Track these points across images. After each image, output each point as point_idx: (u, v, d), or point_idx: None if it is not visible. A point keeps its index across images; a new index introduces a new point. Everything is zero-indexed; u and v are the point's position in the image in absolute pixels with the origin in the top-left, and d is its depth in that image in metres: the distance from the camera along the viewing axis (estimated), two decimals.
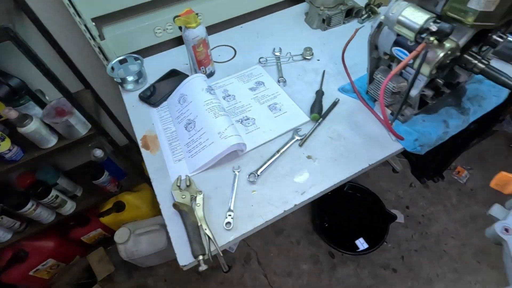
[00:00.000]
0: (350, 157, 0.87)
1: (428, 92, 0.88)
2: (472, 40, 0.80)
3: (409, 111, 0.91)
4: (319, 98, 0.99)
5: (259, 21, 1.34)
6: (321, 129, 0.94)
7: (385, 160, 0.89)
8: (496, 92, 0.98)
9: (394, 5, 0.67)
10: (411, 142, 0.87)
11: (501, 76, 0.76)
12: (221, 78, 1.11)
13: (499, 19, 0.64)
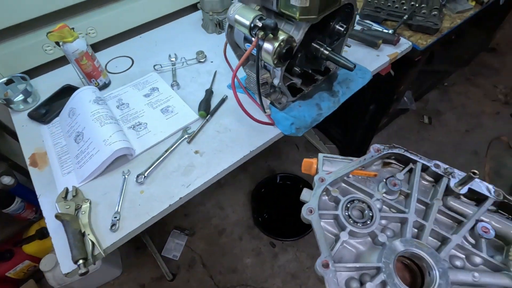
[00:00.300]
0: (234, 146, 0.94)
1: (297, 80, 0.99)
2: (318, 31, 0.92)
3: (285, 99, 1.02)
4: (207, 96, 1.06)
5: (158, 30, 1.39)
6: (210, 125, 1.00)
7: (268, 145, 0.97)
8: (362, 75, 1.12)
9: (232, 6, 0.75)
10: (287, 126, 0.97)
11: (340, 60, 0.89)
12: (117, 88, 1.13)
13: (318, 13, 0.75)
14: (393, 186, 0.46)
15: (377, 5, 1.37)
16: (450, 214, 0.45)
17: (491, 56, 3.01)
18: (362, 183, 0.49)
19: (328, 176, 0.47)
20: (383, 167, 0.52)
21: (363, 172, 0.50)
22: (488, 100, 2.66)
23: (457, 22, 1.36)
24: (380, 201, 0.46)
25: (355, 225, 0.43)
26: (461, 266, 0.41)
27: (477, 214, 0.43)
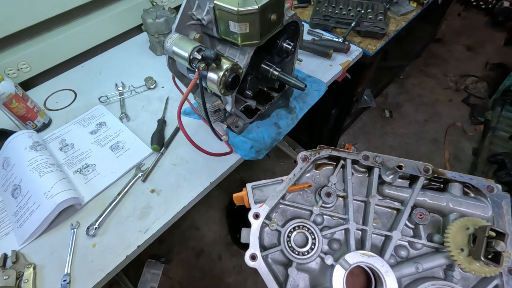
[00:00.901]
0: (193, 179, 0.89)
1: (251, 102, 0.96)
2: (266, 51, 0.90)
3: (241, 122, 0.98)
4: (159, 127, 0.99)
5: (102, 57, 1.29)
6: (165, 158, 0.94)
7: (230, 171, 0.93)
8: (317, 87, 1.12)
9: (168, 38, 0.70)
10: (247, 151, 0.94)
11: (291, 80, 0.87)
12: (59, 127, 1.03)
13: (260, 37, 0.72)
14: (327, 198, 0.45)
15: (325, 14, 1.38)
16: (388, 204, 0.45)
17: (439, 46, 3.19)
18: (300, 198, 0.48)
19: (261, 210, 0.44)
20: (317, 169, 0.50)
21: (297, 186, 0.48)
22: (440, 89, 2.82)
23: (402, 24, 1.41)
24: (320, 215, 0.45)
25: (300, 257, 0.41)
26: (405, 255, 0.42)
27: (411, 199, 0.43)
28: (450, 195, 0.43)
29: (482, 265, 0.36)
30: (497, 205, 0.41)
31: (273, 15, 0.71)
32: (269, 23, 0.72)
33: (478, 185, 0.43)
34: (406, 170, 0.44)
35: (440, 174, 0.44)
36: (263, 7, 0.66)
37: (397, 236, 0.42)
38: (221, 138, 0.89)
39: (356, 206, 0.46)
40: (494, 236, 0.35)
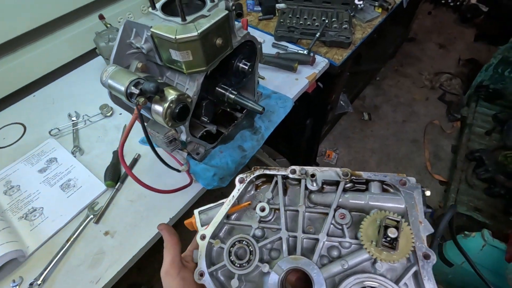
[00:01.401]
0: (151, 216, 0.82)
1: (211, 127, 0.91)
2: (222, 74, 0.85)
3: (203, 148, 0.92)
4: (114, 160, 0.92)
5: (56, 85, 1.21)
6: (121, 194, 0.87)
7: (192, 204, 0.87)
8: (283, 104, 1.07)
9: (104, 71, 0.64)
10: (209, 179, 0.88)
11: (248, 103, 0.82)
12: (5, 167, 0.95)
13: (206, 64, 0.67)
14: (261, 212, 0.48)
15: (290, 25, 1.34)
16: (318, 210, 0.49)
17: (412, 45, 3.24)
18: (245, 216, 0.52)
19: (207, 231, 0.47)
20: (257, 190, 0.54)
21: (238, 206, 0.51)
22: (416, 88, 2.84)
23: (368, 31, 1.39)
24: (260, 229, 0.49)
25: (240, 269, 0.44)
26: (337, 255, 0.45)
27: (334, 202, 0.47)
28: (370, 193, 0.47)
29: (389, 254, 0.38)
30: (410, 196, 0.44)
31: (218, 40, 0.66)
32: (215, 48, 0.67)
33: (391, 181, 0.46)
34: (327, 177, 0.48)
35: (357, 176, 0.47)
36: (204, 33, 0.61)
37: (323, 238, 0.45)
38: (180, 170, 0.83)
39: (292, 215, 0.50)
40: (393, 224, 0.38)
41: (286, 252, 0.44)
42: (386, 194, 0.46)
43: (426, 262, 0.39)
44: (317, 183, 0.48)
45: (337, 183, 0.48)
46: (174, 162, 0.92)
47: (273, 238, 0.46)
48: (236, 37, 0.78)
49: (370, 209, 0.45)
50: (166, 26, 0.62)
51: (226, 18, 0.65)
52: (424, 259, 0.39)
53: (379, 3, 1.46)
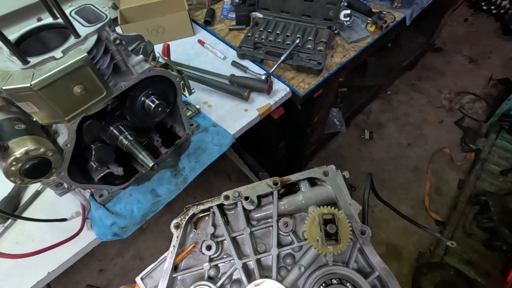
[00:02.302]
0: (31, 266, 0.73)
1: (115, 168, 0.78)
2: (124, 112, 0.71)
3: (108, 189, 0.81)
4: (15, 191, 0.83)
5: None
6: (11, 232, 0.79)
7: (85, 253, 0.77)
8: (219, 141, 0.92)
9: None
10: (106, 228, 0.77)
11: (140, 154, 0.68)
12: None
13: (64, 116, 0.54)
14: (208, 251, 0.47)
15: (257, 40, 1.16)
16: (264, 224, 0.49)
17: (436, 56, 2.87)
18: (192, 260, 0.49)
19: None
20: (197, 227, 0.52)
21: (183, 253, 0.49)
22: (431, 107, 2.52)
23: (350, 55, 1.17)
24: (213, 268, 0.47)
25: None
26: (292, 261, 0.47)
27: (274, 213, 0.48)
28: (302, 192, 0.50)
29: (334, 246, 0.42)
30: (334, 183, 0.48)
31: (77, 87, 0.52)
32: (73, 97, 0.53)
33: (316, 175, 0.50)
34: (260, 191, 0.49)
35: (286, 181, 0.50)
36: (44, 84, 0.48)
37: (275, 253, 0.46)
38: (66, 218, 0.73)
39: (240, 240, 0.49)
40: (331, 218, 0.42)
41: (246, 281, 0.45)
42: (316, 188, 0.50)
43: (364, 237, 0.45)
44: (252, 202, 0.49)
45: (271, 193, 0.50)
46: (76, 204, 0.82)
47: (230, 272, 0.46)
48: (133, 73, 0.64)
49: (307, 206, 0.49)
50: (3, 69, 0.50)
51: (83, 63, 0.51)
52: (361, 235, 0.45)
53: (373, 19, 1.23)
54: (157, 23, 1.17)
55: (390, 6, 1.33)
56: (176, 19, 1.18)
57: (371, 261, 0.44)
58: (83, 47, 0.53)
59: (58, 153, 0.60)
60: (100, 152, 0.70)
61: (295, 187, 0.52)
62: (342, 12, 1.15)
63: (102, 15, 0.58)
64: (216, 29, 1.30)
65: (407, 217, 0.68)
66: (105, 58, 0.58)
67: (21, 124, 0.58)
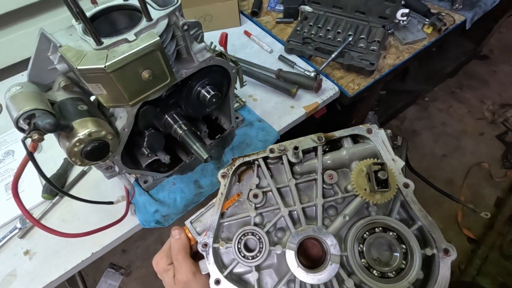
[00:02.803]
0: (76, 244, 0.74)
1: (163, 156, 0.77)
2: (179, 101, 0.70)
3: (153, 176, 0.80)
4: (62, 169, 0.85)
5: None
6: (56, 210, 0.80)
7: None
8: (264, 137, 0.90)
9: (9, 89, 0.53)
10: (150, 215, 0.77)
11: (194, 145, 0.67)
12: None
13: (128, 100, 0.53)
14: (255, 199, 0.48)
15: (306, 35, 1.12)
16: (306, 178, 0.50)
17: (481, 64, 2.70)
18: (238, 209, 0.51)
19: (207, 238, 0.47)
20: (240, 179, 0.53)
21: (229, 202, 0.50)
22: (472, 118, 2.38)
23: (404, 57, 1.11)
24: (258, 216, 0.49)
25: (255, 260, 0.45)
26: (335, 213, 0.49)
27: (319, 167, 0.49)
28: (345, 148, 0.51)
29: (382, 194, 0.43)
30: (378, 140, 0.49)
31: (145, 72, 0.51)
32: (140, 82, 0.52)
33: (360, 132, 0.50)
34: (305, 146, 0.50)
35: (330, 137, 0.51)
36: (116, 67, 0.47)
37: (320, 202, 0.47)
38: (113, 202, 0.73)
39: (285, 192, 0.51)
40: (379, 168, 0.42)
41: (292, 227, 0.46)
42: (359, 145, 0.51)
43: (408, 190, 0.45)
44: (299, 154, 0.49)
45: (314, 149, 0.51)
46: (119, 185, 0.82)
47: (275, 219, 0.48)
48: (194, 61, 0.62)
49: (350, 162, 0.50)
50: (77, 48, 0.49)
51: (155, 48, 0.49)
52: (405, 188, 0.45)
53: (431, 21, 1.15)
54: (205, 11, 1.15)
55: (450, 8, 1.24)
56: (225, 8, 1.16)
57: (414, 212, 0.44)
58: (155, 30, 0.51)
59: (116, 137, 0.59)
60: (153, 138, 0.69)
61: (337, 145, 0.53)
62: (399, 11, 1.08)
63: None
64: (262, 21, 1.26)
65: (441, 189, 0.64)
66: (171, 43, 0.57)
67: (83, 105, 0.58)
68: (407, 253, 0.42)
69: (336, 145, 0.53)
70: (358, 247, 0.43)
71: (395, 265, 0.42)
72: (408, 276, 0.41)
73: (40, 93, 0.54)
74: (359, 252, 0.43)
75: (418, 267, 0.41)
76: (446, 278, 0.42)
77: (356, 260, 0.42)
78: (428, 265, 0.44)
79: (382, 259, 0.44)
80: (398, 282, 0.41)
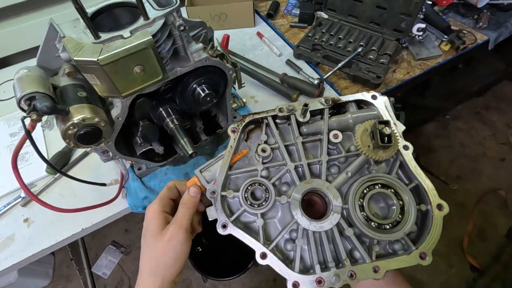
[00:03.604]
0: (69, 219, 0.80)
1: (157, 146, 0.81)
2: (174, 96, 0.73)
3: (146, 164, 0.85)
4: (68, 148, 0.91)
5: None
6: (58, 184, 0.87)
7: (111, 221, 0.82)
8: None
9: (17, 71, 0.59)
10: (139, 201, 0.81)
11: (181, 140, 0.70)
12: None
13: (120, 92, 0.57)
14: (263, 153, 0.51)
15: (316, 42, 1.12)
16: (312, 138, 0.53)
17: None
18: (245, 164, 0.53)
19: (215, 186, 0.49)
20: (249, 137, 0.56)
21: (238, 156, 0.53)
22: (494, 142, 2.27)
23: (415, 73, 1.08)
24: (265, 170, 0.51)
25: (261, 208, 0.48)
26: (338, 170, 0.52)
27: (325, 127, 0.52)
28: (350, 113, 0.54)
29: (385, 151, 0.47)
30: (382, 106, 0.53)
31: (137, 68, 0.54)
32: (132, 76, 0.55)
33: (365, 98, 0.53)
34: (313, 107, 0.53)
35: (337, 100, 0.54)
36: (108, 61, 0.50)
37: (325, 159, 0.50)
38: (106, 184, 0.78)
39: (291, 150, 0.53)
40: (384, 126, 0.45)
41: (297, 180, 0.49)
42: (363, 110, 0.54)
43: (407, 152, 0.49)
44: (306, 114, 0.52)
45: (320, 112, 0.54)
46: (117, 169, 0.87)
47: (281, 173, 0.50)
48: (190, 60, 0.65)
49: (354, 125, 0.53)
50: (77, 40, 0.53)
51: (147, 46, 0.52)
52: (405, 150, 0.49)
53: (450, 38, 1.11)
54: (221, 10, 1.18)
55: (474, 26, 1.19)
56: (240, 8, 1.18)
57: (412, 172, 0.47)
58: (150, 29, 0.54)
59: (109, 124, 0.63)
60: (146, 129, 0.73)
61: (342, 111, 0.55)
62: (416, 26, 1.06)
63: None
64: (277, 23, 1.27)
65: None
66: (167, 42, 0.60)
67: (83, 92, 0.62)
68: (403, 207, 0.46)
69: (341, 111, 0.56)
70: (358, 201, 0.46)
71: (392, 218, 0.45)
72: (404, 228, 0.44)
73: (44, 78, 0.59)
74: (359, 205, 0.46)
75: (413, 220, 0.44)
76: (438, 231, 0.45)
77: (356, 212, 0.45)
78: (423, 220, 0.47)
79: (380, 213, 0.47)
80: (394, 233, 0.44)
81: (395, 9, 1.03)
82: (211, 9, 1.17)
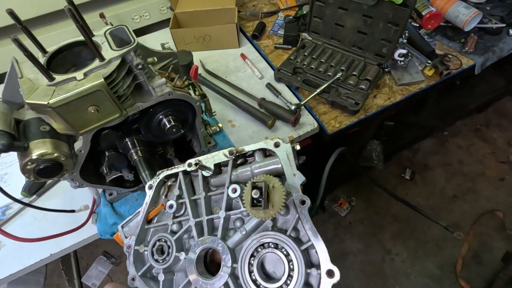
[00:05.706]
0: (39, 244, 0.81)
1: (126, 173, 0.82)
2: (141, 127, 0.74)
3: (117, 190, 0.86)
4: None
5: None
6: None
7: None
8: None
9: None
10: (108, 226, 0.82)
11: (143, 172, 0.71)
12: None
13: (76, 130, 0.58)
14: (170, 209, 0.53)
15: (298, 66, 1.12)
16: (217, 191, 0.54)
17: None
18: (164, 217, 0.56)
19: (131, 241, 0.53)
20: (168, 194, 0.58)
21: (153, 211, 0.56)
22: (494, 161, 2.21)
23: (396, 98, 1.06)
24: (175, 224, 0.54)
25: (164, 263, 0.50)
26: (240, 224, 0.51)
27: (227, 181, 0.52)
28: (254, 163, 0.53)
29: (264, 211, 0.43)
30: (284, 155, 0.50)
31: (91, 108, 0.55)
32: (86, 115, 0.56)
33: (268, 146, 0.52)
34: (217, 160, 0.54)
35: (241, 151, 0.53)
36: (59, 104, 0.51)
37: (223, 215, 0.50)
38: (75, 210, 0.79)
39: (200, 203, 0.54)
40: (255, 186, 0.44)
41: (196, 236, 0.51)
42: (267, 159, 0.52)
43: (303, 207, 0.45)
44: (209, 169, 0.54)
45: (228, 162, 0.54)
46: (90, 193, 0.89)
47: (185, 228, 0.52)
48: (152, 94, 0.66)
49: (253, 176, 0.50)
50: (33, 80, 0.54)
51: (99, 88, 0.53)
52: (301, 205, 0.45)
53: (434, 63, 1.10)
54: (205, 32, 1.19)
55: (460, 50, 1.17)
56: (224, 30, 1.19)
57: (305, 230, 0.44)
58: (104, 71, 0.55)
59: (70, 157, 0.64)
60: (113, 159, 0.74)
61: (252, 159, 0.55)
62: (397, 51, 1.05)
63: (131, 39, 0.60)
64: (262, 44, 1.28)
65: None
66: (126, 79, 0.61)
67: (46, 126, 0.64)
68: (293, 270, 0.44)
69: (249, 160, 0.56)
70: (248, 261, 0.45)
71: (281, 281, 0.43)
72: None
73: (6, 113, 0.61)
74: (248, 265, 0.45)
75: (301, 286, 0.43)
76: None
77: (244, 273, 0.45)
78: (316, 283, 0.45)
79: (272, 274, 0.46)
80: None
81: (375, 35, 1.03)
82: (195, 31, 1.19)
